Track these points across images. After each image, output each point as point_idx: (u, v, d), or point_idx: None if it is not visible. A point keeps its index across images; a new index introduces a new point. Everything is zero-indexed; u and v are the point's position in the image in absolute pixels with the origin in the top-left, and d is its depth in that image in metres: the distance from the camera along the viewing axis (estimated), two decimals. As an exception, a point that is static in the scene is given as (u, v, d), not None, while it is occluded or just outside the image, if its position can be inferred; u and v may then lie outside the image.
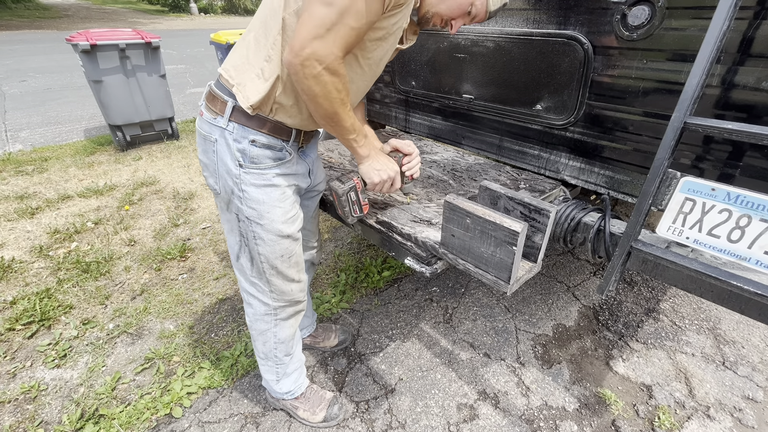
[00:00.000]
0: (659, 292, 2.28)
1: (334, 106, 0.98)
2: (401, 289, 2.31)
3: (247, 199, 1.11)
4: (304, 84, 0.92)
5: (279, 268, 1.23)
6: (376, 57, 1.08)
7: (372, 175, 1.21)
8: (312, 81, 0.91)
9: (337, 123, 1.04)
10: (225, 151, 1.07)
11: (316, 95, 0.94)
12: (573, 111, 1.44)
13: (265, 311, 1.33)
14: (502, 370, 1.82)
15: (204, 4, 24.08)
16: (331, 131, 1.09)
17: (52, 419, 1.59)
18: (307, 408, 1.55)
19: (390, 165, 1.23)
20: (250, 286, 1.30)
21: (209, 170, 1.14)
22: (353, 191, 1.25)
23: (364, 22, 0.90)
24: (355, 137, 1.12)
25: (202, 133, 1.11)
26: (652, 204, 0.95)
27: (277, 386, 1.51)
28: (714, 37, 0.84)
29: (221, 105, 1.06)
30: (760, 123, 1.02)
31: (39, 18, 16.75)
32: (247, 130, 1.05)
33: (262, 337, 1.39)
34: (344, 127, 1.06)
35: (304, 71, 0.90)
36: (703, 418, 1.61)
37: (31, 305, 2.09)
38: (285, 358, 1.45)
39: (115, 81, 3.81)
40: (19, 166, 3.85)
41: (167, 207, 3.17)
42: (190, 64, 9.02)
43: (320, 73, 0.90)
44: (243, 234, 1.18)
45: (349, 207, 1.26)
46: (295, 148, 1.16)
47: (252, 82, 1.02)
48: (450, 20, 1.11)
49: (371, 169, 1.20)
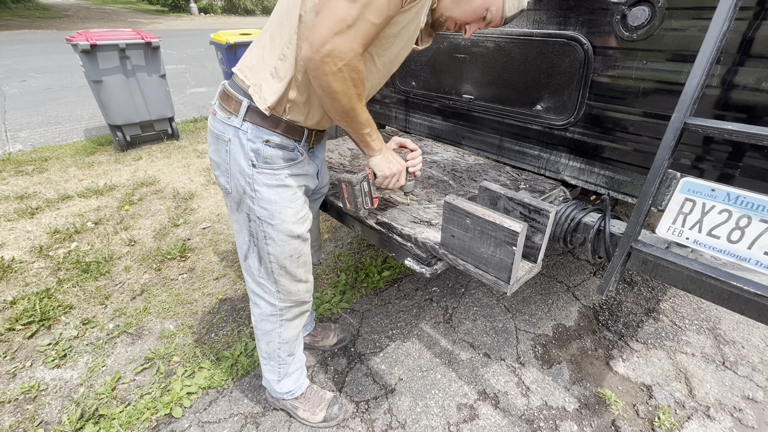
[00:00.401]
0: (659, 292, 2.28)
1: (351, 102, 0.98)
2: (401, 289, 2.31)
3: (259, 199, 1.11)
4: (323, 80, 0.92)
5: (288, 268, 1.23)
6: (391, 54, 1.07)
7: (383, 167, 1.21)
8: (332, 77, 0.91)
9: (353, 118, 1.04)
10: (238, 150, 1.07)
11: (335, 91, 0.93)
12: (573, 111, 1.44)
13: (271, 311, 1.33)
14: (502, 370, 1.82)
15: (204, 4, 24.07)
16: (346, 126, 1.10)
17: (52, 419, 1.59)
18: (307, 408, 1.55)
19: (399, 159, 1.25)
20: (257, 287, 1.30)
21: (221, 169, 1.14)
22: (366, 181, 1.25)
23: (384, 16, 0.90)
24: (369, 131, 1.12)
25: (215, 132, 1.11)
26: (652, 204, 0.95)
27: (277, 386, 1.52)
28: (714, 38, 0.84)
29: (236, 105, 1.06)
30: (760, 123, 1.02)
31: (39, 18, 16.75)
32: (262, 130, 1.06)
33: (266, 337, 1.40)
34: (360, 122, 1.07)
35: (324, 68, 0.89)
36: (703, 418, 1.61)
37: (31, 305, 2.09)
38: (288, 358, 1.45)
39: (115, 81, 3.81)
40: (19, 166, 3.84)
41: (167, 207, 3.17)
42: (190, 64, 9.02)
43: (340, 69, 0.90)
44: (253, 234, 1.18)
45: (362, 198, 1.27)
46: (306, 149, 1.16)
47: (267, 82, 1.02)
48: (464, 24, 1.10)
49: (383, 161, 1.21)
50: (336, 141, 2.19)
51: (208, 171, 3.84)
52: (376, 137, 1.17)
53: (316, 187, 1.30)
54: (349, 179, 1.23)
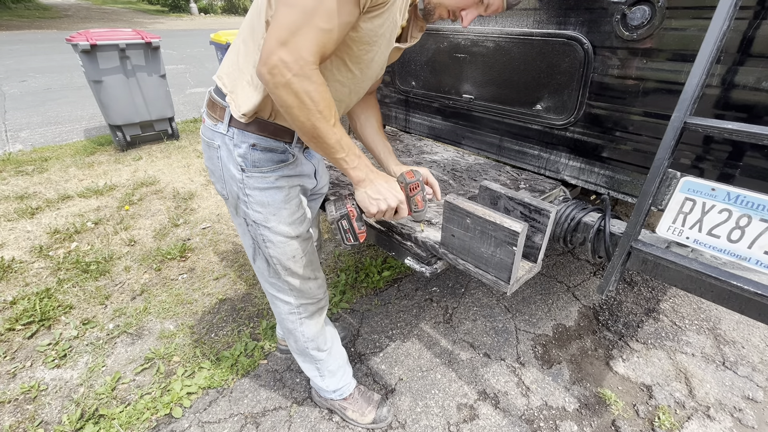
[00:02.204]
0: (659, 292, 2.28)
1: (311, 119, 0.89)
2: (401, 289, 2.31)
3: (252, 203, 1.10)
4: (275, 94, 0.86)
5: (292, 269, 1.22)
6: (368, 59, 1.01)
7: (367, 204, 1.07)
8: (282, 90, 0.84)
9: (318, 139, 0.93)
10: (227, 156, 1.06)
11: (289, 106, 0.87)
12: (573, 111, 1.44)
13: (288, 310, 1.33)
14: (502, 370, 1.82)
15: (204, 4, 24.08)
16: (318, 150, 0.99)
17: (52, 419, 1.59)
18: (356, 409, 1.55)
19: (391, 192, 1.08)
20: (270, 287, 1.30)
21: (215, 176, 1.13)
22: (345, 219, 1.11)
23: (336, 23, 0.83)
24: (344, 157, 0.99)
25: (206, 140, 1.10)
26: (652, 204, 0.95)
27: (323, 383, 1.51)
28: (714, 37, 0.84)
29: (220, 111, 1.05)
30: (760, 123, 1.02)
31: (39, 18, 16.75)
32: (247, 134, 1.03)
33: (292, 336, 1.40)
34: (328, 144, 0.95)
35: (273, 80, 0.83)
36: (703, 418, 1.61)
37: (31, 305, 2.09)
38: (320, 354, 1.45)
39: (115, 81, 3.81)
40: (19, 166, 3.84)
41: (167, 207, 3.17)
42: (190, 64, 9.02)
43: (289, 81, 0.83)
44: (253, 237, 1.18)
45: (342, 235, 1.14)
46: (299, 149, 1.13)
47: (243, 90, 0.99)
48: (459, 11, 1.00)
49: (366, 196, 1.07)
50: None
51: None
52: (355, 164, 1.02)
53: (314, 187, 1.28)
54: (326, 216, 1.12)
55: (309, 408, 1.64)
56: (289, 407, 1.64)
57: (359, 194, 1.08)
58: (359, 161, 1.03)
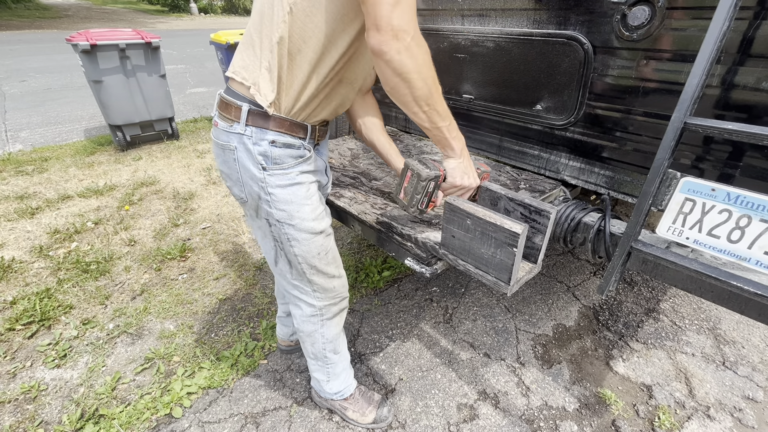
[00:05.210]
0: (659, 292, 2.28)
1: (428, 84, 0.89)
2: (401, 289, 2.31)
3: (275, 202, 1.08)
4: (396, 62, 0.84)
5: (318, 267, 1.21)
6: None
7: (457, 175, 1.08)
8: (405, 55, 0.83)
9: (432, 105, 0.92)
10: (246, 156, 1.04)
11: (408, 72, 0.85)
12: (573, 111, 1.44)
13: (311, 312, 1.32)
14: (502, 370, 1.82)
15: (204, 4, 24.08)
16: (423, 118, 0.96)
17: (52, 419, 1.59)
18: (356, 409, 1.55)
19: (475, 174, 1.12)
20: (293, 289, 1.28)
21: (232, 179, 1.11)
22: (434, 181, 1.09)
23: None
24: (448, 125, 0.98)
25: (220, 143, 1.08)
26: (652, 204, 0.95)
27: (327, 386, 1.51)
28: (714, 37, 0.84)
29: (235, 111, 1.03)
30: (760, 123, 1.02)
31: (39, 18, 16.76)
32: (266, 131, 1.02)
33: (310, 338, 1.39)
34: (438, 110, 0.94)
35: (398, 45, 0.81)
36: (703, 418, 1.61)
37: (31, 305, 2.09)
38: (334, 357, 1.45)
39: (115, 81, 3.81)
40: (19, 166, 3.84)
41: (167, 207, 3.17)
42: (190, 64, 9.02)
43: (410, 44, 0.82)
44: (276, 238, 1.15)
45: (421, 196, 1.11)
46: (312, 145, 1.13)
47: (263, 79, 0.99)
48: None
49: (461, 168, 1.08)
50: (336, 141, 2.19)
51: (208, 171, 3.84)
52: (456, 135, 1.03)
53: (326, 184, 1.28)
54: (419, 171, 1.08)
55: (309, 408, 1.64)
56: (289, 407, 1.64)
57: (453, 163, 1.07)
58: (457, 132, 1.03)
